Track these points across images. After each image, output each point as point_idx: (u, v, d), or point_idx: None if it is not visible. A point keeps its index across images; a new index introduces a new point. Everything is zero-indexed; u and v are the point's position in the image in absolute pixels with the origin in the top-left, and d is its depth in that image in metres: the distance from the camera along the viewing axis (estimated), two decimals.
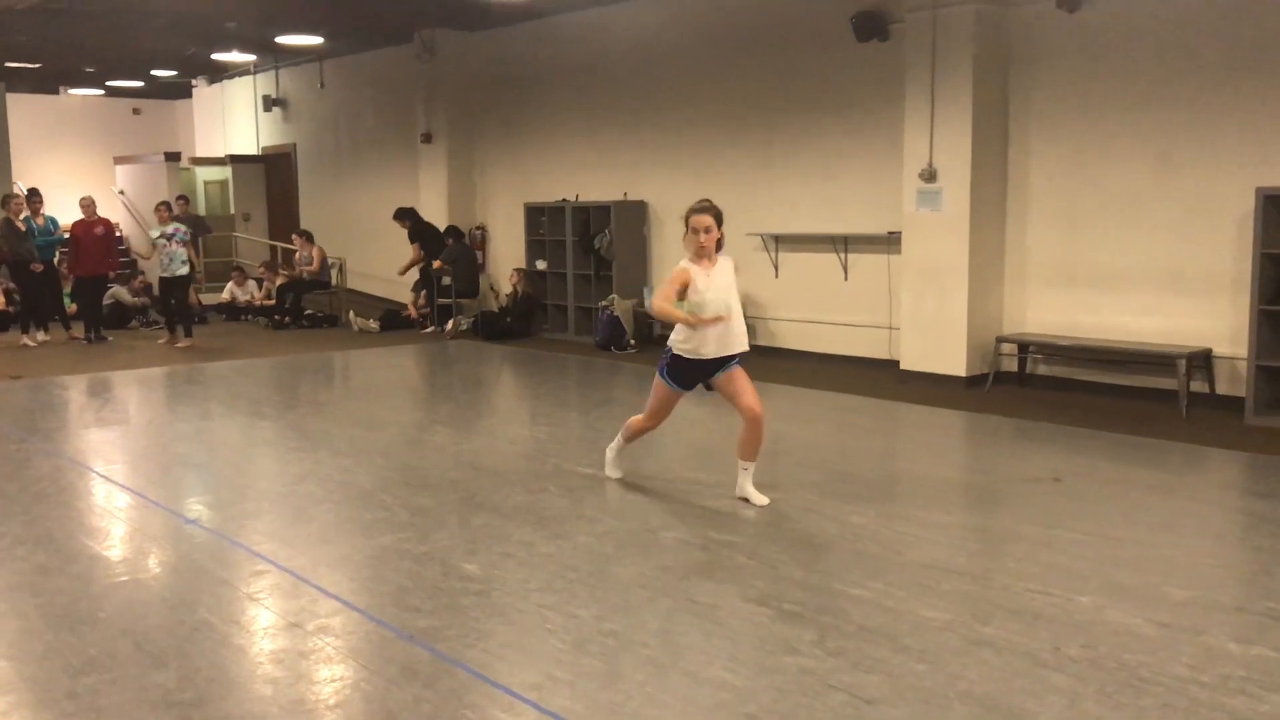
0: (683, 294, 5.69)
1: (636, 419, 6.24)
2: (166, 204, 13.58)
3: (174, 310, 13.19)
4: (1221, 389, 8.34)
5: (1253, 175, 7.95)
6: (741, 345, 5.86)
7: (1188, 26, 8.35)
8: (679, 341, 5.84)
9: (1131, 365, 8.80)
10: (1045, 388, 9.35)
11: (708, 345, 5.75)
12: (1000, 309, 9.65)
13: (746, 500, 5.91)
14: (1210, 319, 8.37)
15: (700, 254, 5.73)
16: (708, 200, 5.89)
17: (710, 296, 5.69)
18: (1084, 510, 5.80)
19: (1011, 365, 9.57)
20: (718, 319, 5.65)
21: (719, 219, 5.79)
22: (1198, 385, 8.35)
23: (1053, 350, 9.34)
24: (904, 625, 4.20)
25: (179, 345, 12.84)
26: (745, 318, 5.95)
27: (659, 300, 5.75)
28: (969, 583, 4.69)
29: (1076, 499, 6.04)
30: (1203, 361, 8.36)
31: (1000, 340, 9.45)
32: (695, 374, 5.92)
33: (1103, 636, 4.08)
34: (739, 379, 5.85)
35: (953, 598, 4.50)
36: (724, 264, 5.80)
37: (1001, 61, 9.37)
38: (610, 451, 6.50)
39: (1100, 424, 7.92)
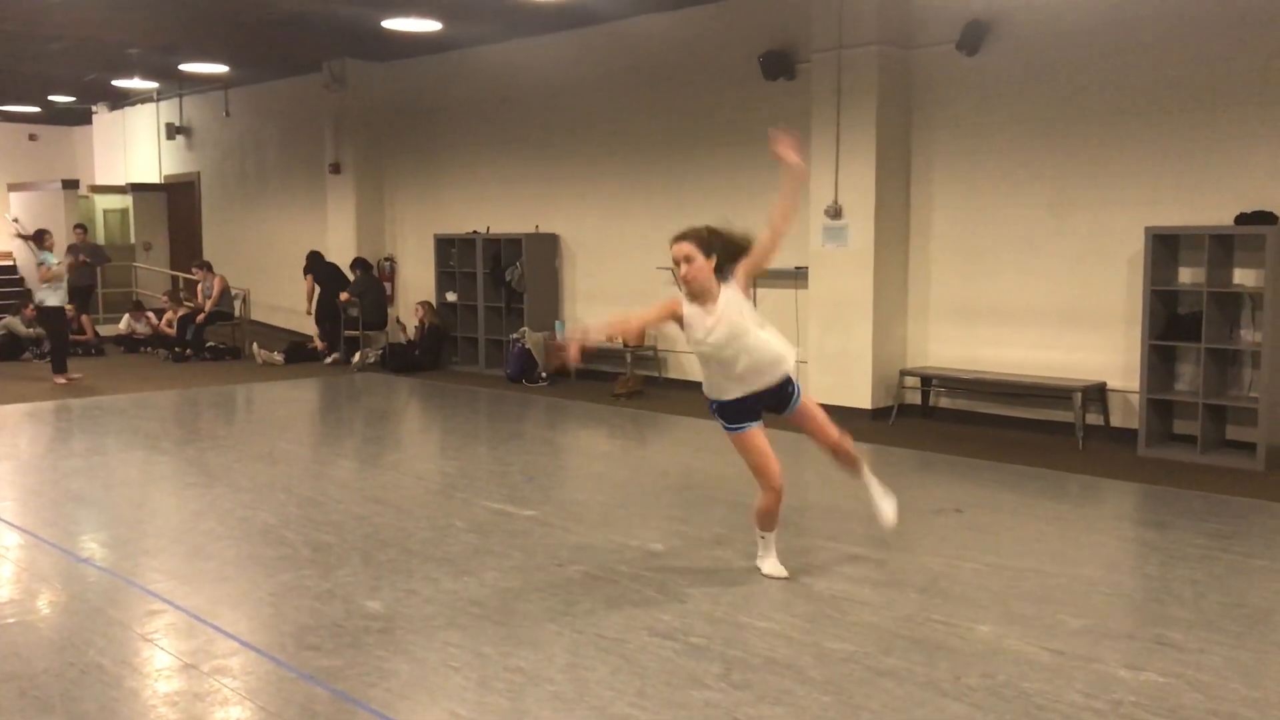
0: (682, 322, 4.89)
1: (756, 501, 5.16)
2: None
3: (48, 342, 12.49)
4: (1115, 421, 8.60)
5: (1142, 215, 8.23)
6: (775, 376, 4.99)
7: (1080, 71, 8.66)
8: (706, 387, 5.12)
9: (1030, 398, 9.03)
10: (947, 420, 9.55)
11: (730, 386, 4.96)
12: (904, 343, 9.84)
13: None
14: (1104, 353, 8.63)
15: (694, 293, 4.85)
16: (696, 226, 4.95)
17: (714, 340, 4.83)
18: (985, 541, 5.92)
19: (915, 398, 9.76)
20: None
21: (705, 245, 4.82)
22: (1093, 418, 8.59)
23: (954, 383, 9.54)
24: (809, 657, 4.24)
25: (57, 382, 12.12)
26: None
27: (619, 316, 4.99)
28: (872, 614, 4.75)
29: (978, 530, 6.16)
30: (1097, 395, 8.62)
31: (904, 373, 9.63)
32: (746, 409, 5.01)
33: (1001, 665, 4.16)
34: (809, 412, 5.17)
35: (857, 629, 4.55)
36: (732, 297, 4.88)
37: (904, 102, 9.61)
38: (761, 554, 5.28)
39: (1001, 456, 8.11)
